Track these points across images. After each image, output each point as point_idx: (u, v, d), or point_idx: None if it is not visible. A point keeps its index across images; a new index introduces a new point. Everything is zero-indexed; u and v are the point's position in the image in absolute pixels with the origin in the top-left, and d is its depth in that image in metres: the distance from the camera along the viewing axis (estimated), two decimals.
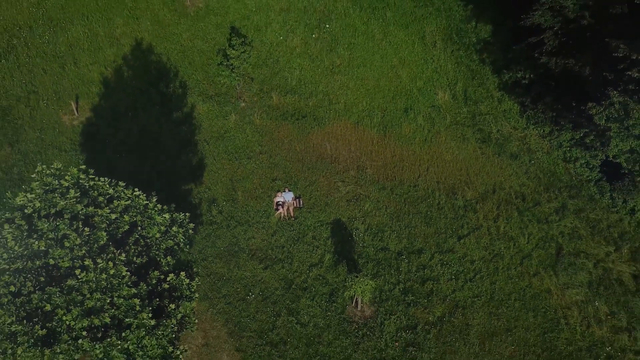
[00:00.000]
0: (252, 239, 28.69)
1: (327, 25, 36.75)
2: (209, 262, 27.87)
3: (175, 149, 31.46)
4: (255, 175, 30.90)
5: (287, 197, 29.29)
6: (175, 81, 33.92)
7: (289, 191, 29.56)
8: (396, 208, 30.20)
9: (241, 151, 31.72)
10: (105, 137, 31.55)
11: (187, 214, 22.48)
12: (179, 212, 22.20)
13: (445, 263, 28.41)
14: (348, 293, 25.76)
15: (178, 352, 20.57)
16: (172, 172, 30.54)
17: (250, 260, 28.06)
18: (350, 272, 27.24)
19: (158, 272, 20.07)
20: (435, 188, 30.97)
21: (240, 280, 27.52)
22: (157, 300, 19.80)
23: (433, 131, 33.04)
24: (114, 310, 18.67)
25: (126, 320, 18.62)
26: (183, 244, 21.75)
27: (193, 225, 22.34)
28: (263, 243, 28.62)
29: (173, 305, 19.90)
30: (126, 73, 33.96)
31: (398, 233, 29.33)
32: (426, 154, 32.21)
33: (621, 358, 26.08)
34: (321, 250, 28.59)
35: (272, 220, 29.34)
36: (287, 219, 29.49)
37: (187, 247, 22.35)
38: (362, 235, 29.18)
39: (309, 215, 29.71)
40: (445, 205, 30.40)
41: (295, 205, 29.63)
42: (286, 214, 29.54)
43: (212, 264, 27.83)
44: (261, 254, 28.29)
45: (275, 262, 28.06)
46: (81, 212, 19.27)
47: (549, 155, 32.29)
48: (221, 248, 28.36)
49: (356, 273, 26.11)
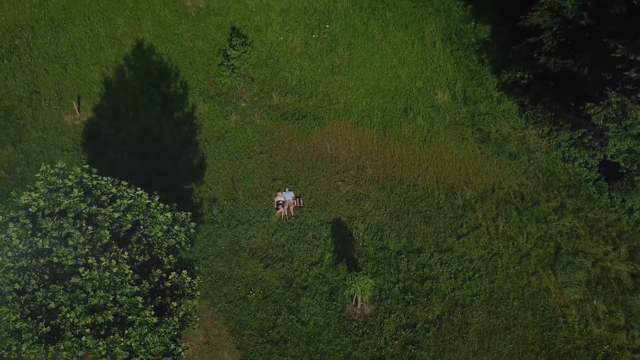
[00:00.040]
0: (253, 238, 28.83)
1: (327, 25, 36.81)
2: (210, 261, 28.02)
3: (176, 149, 31.57)
4: (255, 174, 31.03)
5: (288, 197, 29.41)
6: (176, 81, 34.01)
7: (290, 191, 29.67)
8: (396, 207, 30.33)
9: (242, 151, 31.84)
10: (106, 137, 31.67)
11: (189, 213, 22.64)
12: (181, 211, 22.38)
13: (444, 262, 28.54)
14: (348, 292, 25.83)
15: (180, 350, 20.74)
16: (174, 172, 30.65)
17: (251, 259, 28.21)
18: (350, 271, 27.35)
19: (160, 271, 20.26)
20: (434, 187, 31.07)
21: (241, 278, 27.66)
22: (160, 298, 20.00)
23: (432, 131, 33.14)
24: (117, 307, 18.86)
25: (129, 317, 18.80)
26: (185, 243, 21.94)
27: (194, 224, 22.51)
28: (264, 242, 28.76)
29: (175, 303, 20.09)
30: (127, 73, 34.07)
31: (397, 232, 29.46)
32: (425, 154, 32.30)
33: (619, 356, 26.19)
34: (321, 249, 28.73)
35: (273, 219, 29.47)
36: (288, 218, 29.61)
37: (189, 246, 22.54)
38: (362, 234, 29.30)
39: (309, 214, 29.83)
40: (444, 204, 30.52)
41: (295, 204, 29.74)
42: (286, 213, 29.66)
43: (213, 263, 27.99)
44: (262, 253, 28.43)
45: (275, 261, 28.20)
46: (85, 211, 19.46)
47: (548, 154, 32.37)
48: (222, 247, 28.50)
49: (356, 272, 26.18)
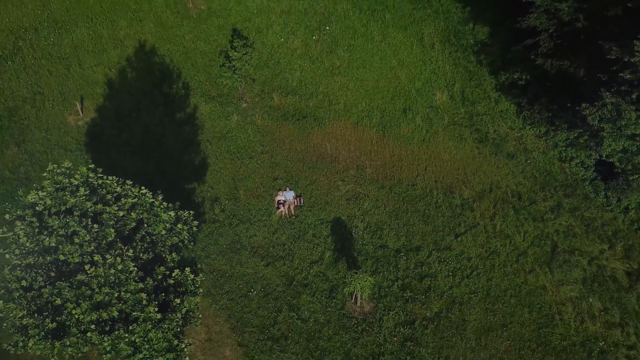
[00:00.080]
0: (254, 237, 29.19)
1: (327, 27, 37.12)
2: (212, 260, 28.37)
3: (178, 149, 31.91)
4: (257, 174, 31.35)
5: (288, 196, 29.74)
6: (178, 82, 34.32)
7: (290, 190, 29.98)
8: (395, 206, 30.68)
9: (243, 151, 32.17)
10: (109, 138, 31.99)
11: (191, 212, 22.97)
12: (184, 210, 22.73)
13: (442, 260, 28.89)
14: (348, 289, 26.12)
15: (183, 346, 21.09)
16: (176, 172, 30.97)
17: (252, 257, 28.56)
18: (349, 269, 27.68)
19: (164, 268, 20.64)
20: (433, 187, 31.41)
21: (242, 277, 28.02)
22: (163, 295, 20.38)
23: (431, 131, 33.47)
24: (122, 304, 19.23)
25: (133, 314, 19.16)
26: (187, 241, 22.31)
27: (197, 222, 22.86)
28: (265, 241, 29.11)
29: (178, 300, 20.46)
30: (130, 74, 34.39)
31: (397, 231, 29.80)
32: (424, 154, 32.64)
33: (614, 353, 26.54)
34: (321, 247, 29.09)
35: (274, 218, 29.82)
36: (288, 217, 29.94)
37: (191, 244, 22.92)
38: (362, 233, 29.64)
39: (310, 213, 30.16)
40: (442, 203, 30.87)
41: (296, 203, 30.06)
42: (287, 213, 29.99)
43: (215, 261, 28.34)
44: (263, 252, 28.79)
45: (276, 260, 28.55)
46: (90, 210, 19.82)
47: (545, 154, 32.70)
48: (224, 245, 28.85)
49: (356, 270, 26.47)
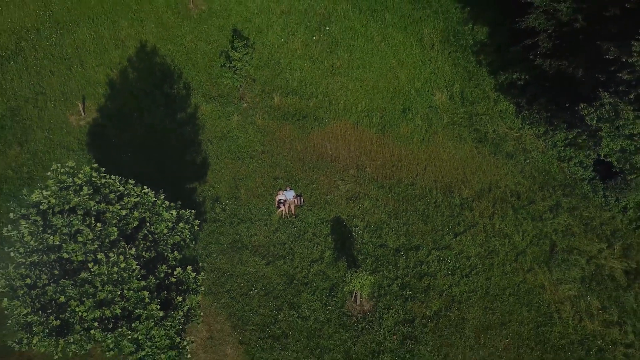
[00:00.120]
0: (255, 236, 29.40)
1: (327, 27, 37.30)
2: (213, 258, 28.58)
3: (179, 149, 32.12)
4: (257, 174, 31.55)
5: (289, 196, 29.92)
6: (179, 82, 34.52)
7: (290, 190, 30.14)
8: (394, 206, 30.88)
9: (244, 151, 32.36)
10: (111, 137, 32.21)
11: (193, 211, 23.17)
12: (185, 209, 22.95)
13: (442, 259, 29.10)
14: (347, 288, 26.34)
15: (185, 343, 21.31)
16: (177, 171, 31.17)
17: (252, 256, 28.78)
18: (349, 268, 27.88)
19: (166, 266, 20.86)
20: (432, 186, 31.61)
21: (243, 275, 28.23)
22: (165, 293, 20.60)
23: (430, 131, 33.66)
24: (125, 302, 19.44)
25: (136, 311, 19.37)
26: (189, 240, 22.51)
27: (199, 221, 23.09)
28: (265, 240, 29.32)
29: (180, 297, 20.68)
30: (131, 74, 34.59)
31: (396, 230, 30.01)
32: (424, 154, 32.83)
33: (612, 351, 26.74)
34: (321, 246, 29.29)
35: (274, 217, 30.02)
36: (289, 217, 30.14)
37: (193, 243, 23.11)
38: (361, 232, 29.84)
39: (310, 213, 30.36)
40: (442, 203, 31.07)
41: (296, 203, 30.25)
42: (287, 212, 30.19)
43: (216, 260, 28.55)
44: (263, 250, 29.00)
45: (277, 258, 28.76)
46: (93, 209, 20.03)
47: (544, 154, 32.88)
48: (225, 244, 29.07)
49: (355, 269, 26.65)
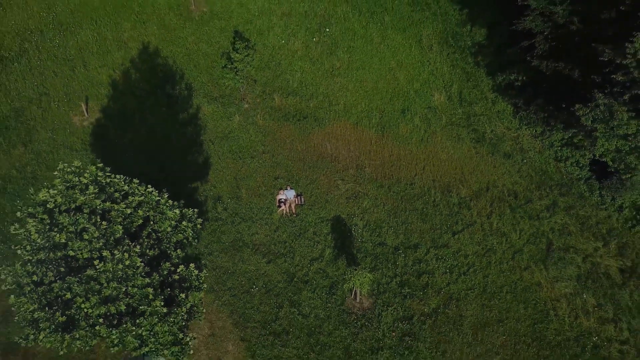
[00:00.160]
0: (256, 235, 29.79)
1: (327, 29, 37.63)
2: (215, 257, 28.96)
3: (181, 149, 32.48)
4: (258, 173, 31.92)
5: (289, 195, 30.32)
6: (181, 83, 34.87)
7: (291, 189, 30.56)
8: (393, 205, 31.26)
9: (245, 151, 32.72)
10: (114, 138, 32.59)
11: (196, 210, 23.56)
12: (188, 208, 23.34)
13: (440, 257, 29.48)
14: (347, 285, 26.74)
15: (188, 339, 21.73)
16: (179, 171, 31.53)
17: (254, 254, 29.17)
18: (349, 266, 28.25)
19: (169, 264, 21.27)
20: (431, 186, 31.98)
21: (244, 273, 28.62)
22: (168, 290, 21.02)
23: (429, 131, 34.01)
24: (129, 298, 19.85)
25: (140, 308, 19.78)
26: (192, 238, 22.91)
27: (201, 220, 23.47)
28: (266, 238, 29.72)
29: (183, 294, 21.10)
30: (134, 75, 34.94)
31: (395, 229, 30.38)
32: (422, 154, 33.18)
33: (607, 348, 27.15)
34: (322, 245, 29.67)
35: (275, 216, 30.39)
36: (289, 216, 30.51)
37: (196, 241, 23.48)
38: (361, 231, 30.21)
39: (310, 212, 30.74)
40: (440, 202, 31.44)
41: (296, 202, 30.63)
42: (288, 211, 30.56)
43: (218, 258, 28.93)
44: (264, 249, 29.40)
45: (277, 257, 29.15)
46: (99, 207, 20.45)
47: (541, 154, 33.21)
48: (226, 243, 29.46)
49: (355, 267, 27.06)
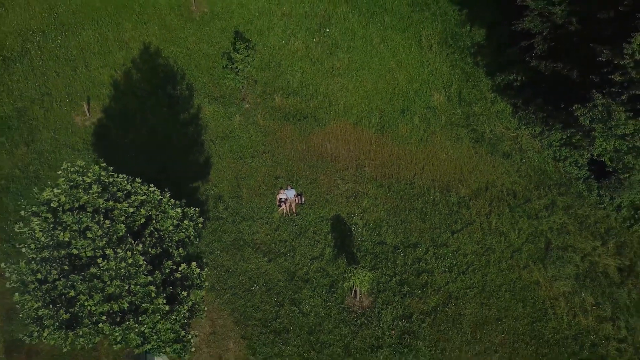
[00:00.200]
0: (257, 234, 29.99)
1: (327, 29, 37.80)
2: (216, 256, 29.17)
3: (182, 149, 32.68)
4: (259, 173, 32.11)
5: (290, 194, 30.53)
6: (182, 83, 35.05)
7: (291, 188, 30.77)
8: (393, 204, 31.46)
9: (245, 150, 32.91)
10: (116, 137, 32.78)
11: (197, 209, 23.76)
12: (190, 207, 23.53)
13: (439, 256, 29.70)
14: (347, 284, 26.94)
15: (189, 337, 21.96)
16: (180, 171, 31.70)
17: (254, 253, 29.39)
18: (349, 265, 28.48)
19: (171, 262, 21.48)
20: (430, 186, 32.18)
21: (245, 272, 28.84)
22: (170, 288, 21.22)
23: (429, 131, 34.19)
24: (132, 296, 20.06)
25: (143, 305, 19.99)
26: (193, 237, 23.11)
27: (202, 219, 23.66)
28: (267, 237, 29.93)
29: (185, 292, 21.31)
30: (135, 76, 35.13)
31: (395, 228, 30.59)
32: (422, 153, 33.37)
33: (605, 346, 27.38)
34: (322, 244, 29.88)
35: (275, 216, 30.60)
36: (290, 215, 30.71)
37: (197, 240, 23.70)
38: (361, 230, 30.42)
39: (310, 211, 30.94)
40: (439, 201, 31.64)
41: (297, 201, 30.83)
42: (288, 210, 30.76)
43: (219, 257, 29.15)
44: (265, 248, 29.62)
45: (278, 256, 29.37)
46: (102, 206, 20.66)
47: (540, 154, 33.40)
48: (227, 242, 29.66)
49: (355, 265, 27.27)
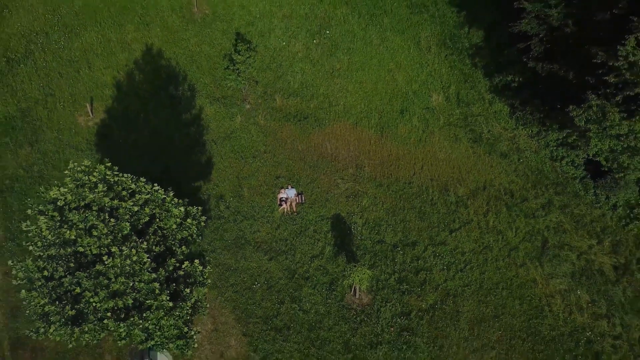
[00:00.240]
0: (258, 233, 30.39)
1: (328, 31, 38.11)
2: (218, 254, 29.59)
3: (184, 149, 33.04)
4: (260, 173, 32.48)
5: (290, 194, 30.89)
6: (184, 84, 35.38)
7: (292, 188, 31.12)
8: (392, 204, 31.85)
9: (247, 150, 33.26)
10: (118, 138, 33.11)
11: (199, 208, 24.19)
12: (192, 206, 23.95)
13: (437, 255, 30.11)
14: (347, 282, 27.33)
15: (192, 333, 22.39)
16: (182, 171, 32.06)
17: (255, 252, 29.79)
18: (349, 263, 28.83)
19: (174, 260, 21.91)
20: (429, 185, 32.56)
21: (246, 270, 29.25)
22: (174, 285, 21.66)
23: (427, 131, 34.54)
24: (136, 293, 20.49)
25: (147, 302, 20.42)
26: (196, 235, 23.54)
27: (205, 217, 24.08)
28: (268, 236, 30.33)
29: (188, 289, 21.74)
30: (137, 77, 35.45)
31: (394, 227, 30.98)
32: (421, 153, 33.73)
33: (600, 342, 27.85)
34: (322, 242, 30.29)
35: (276, 215, 30.99)
36: (290, 214, 31.08)
37: (200, 238, 24.13)
38: (360, 229, 30.82)
39: (311, 210, 31.32)
40: (438, 201, 32.04)
41: (297, 201, 31.21)
42: (289, 209, 31.13)
43: (221, 256, 29.56)
44: (266, 246, 30.02)
45: (279, 254, 29.77)
46: (107, 205, 21.08)
47: (537, 154, 33.77)
48: (229, 241, 30.06)
49: (354, 263, 27.61)
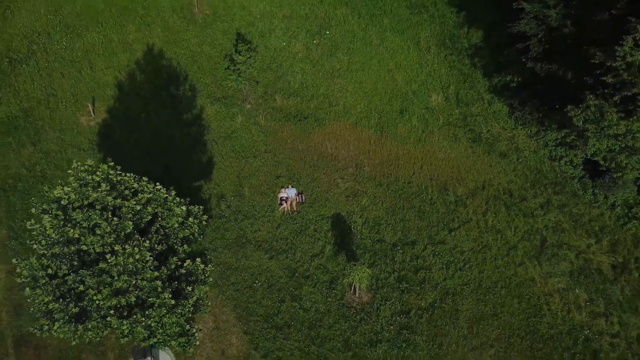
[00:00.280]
0: (258, 232, 30.59)
1: (328, 31, 38.33)
2: (219, 253, 29.79)
3: (185, 149, 33.24)
4: (260, 172, 32.69)
5: (291, 193, 31.07)
6: (185, 84, 35.59)
7: (292, 187, 31.29)
8: (392, 203, 32.06)
9: (247, 150, 33.47)
10: (120, 137, 33.31)
11: (201, 207, 24.39)
12: (194, 205, 24.18)
13: (437, 254, 30.30)
14: (347, 281, 27.55)
15: (194, 331, 22.62)
16: (183, 170, 32.30)
17: (256, 251, 30.00)
18: (349, 262, 29.06)
19: (176, 259, 22.13)
20: (428, 184, 32.77)
21: (247, 269, 29.46)
22: (176, 283, 21.89)
23: (427, 131, 34.75)
24: (139, 291, 20.72)
25: (149, 300, 20.65)
26: (197, 234, 23.76)
27: (206, 217, 24.30)
28: (268, 235, 30.53)
29: (190, 287, 21.97)
30: (139, 77, 35.66)
31: (393, 226, 31.19)
32: (420, 153, 33.93)
33: (598, 341, 28.04)
34: (322, 241, 30.50)
35: (277, 214, 31.19)
36: (291, 213, 31.27)
37: (201, 237, 24.34)
38: (360, 228, 31.03)
39: (311, 209, 31.52)
40: (437, 200, 32.24)
41: (297, 200, 31.40)
42: (289, 209, 31.32)
43: (222, 255, 29.76)
44: (267, 245, 30.22)
45: (279, 253, 29.98)
46: (110, 204, 21.30)
47: (536, 153, 33.96)
48: (230, 240, 30.27)
49: (354, 262, 27.83)
